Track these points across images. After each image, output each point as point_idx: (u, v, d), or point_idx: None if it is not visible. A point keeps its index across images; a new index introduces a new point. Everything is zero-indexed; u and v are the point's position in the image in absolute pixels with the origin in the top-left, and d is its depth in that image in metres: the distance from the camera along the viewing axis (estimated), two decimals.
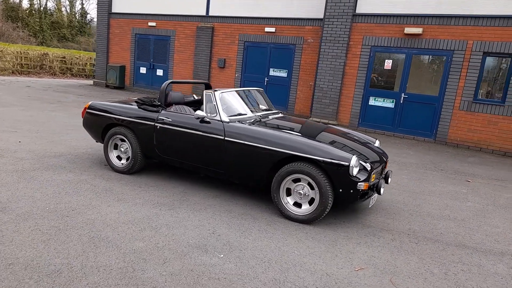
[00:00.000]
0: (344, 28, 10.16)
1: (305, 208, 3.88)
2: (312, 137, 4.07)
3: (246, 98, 4.89)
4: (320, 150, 3.72)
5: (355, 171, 3.64)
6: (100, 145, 6.38)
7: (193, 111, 5.17)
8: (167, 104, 5.02)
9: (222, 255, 3.06)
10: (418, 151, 8.42)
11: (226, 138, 4.19)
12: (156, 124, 4.66)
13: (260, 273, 2.84)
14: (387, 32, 9.80)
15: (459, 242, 3.76)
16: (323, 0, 11.08)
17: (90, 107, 5.25)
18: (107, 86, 16.49)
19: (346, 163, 3.60)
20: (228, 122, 4.28)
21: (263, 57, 12.58)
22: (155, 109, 4.75)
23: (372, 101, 10.18)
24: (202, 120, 4.40)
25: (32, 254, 2.82)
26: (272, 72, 12.47)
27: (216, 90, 4.52)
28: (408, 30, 9.37)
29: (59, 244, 3.02)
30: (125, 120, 4.87)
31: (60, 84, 16.60)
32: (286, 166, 3.87)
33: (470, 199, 5.24)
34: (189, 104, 5.56)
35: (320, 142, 3.87)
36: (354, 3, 10.02)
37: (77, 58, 22.46)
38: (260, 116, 4.73)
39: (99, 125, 5.14)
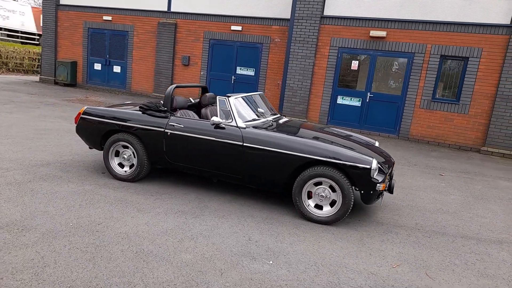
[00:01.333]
0: (313, 29, 10.51)
1: (327, 210, 4.08)
2: (329, 141, 4.26)
3: (254, 103, 4.96)
4: (343, 154, 3.93)
5: (375, 173, 3.90)
6: (87, 151, 6.07)
7: (196, 116, 5.14)
8: (172, 109, 4.93)
9: (271, 262, 3.15)
10: (386, 147, 9.02)
11: (245, 144, 4.24)
12: (166, 130, 4.57)
13: (314, 277, 2.98)
14: (353, 34, 10.31)
15: (461, 233, 4.19)
16: (289, 1, 11.34)
17: (85, 113, 4.98)
18: (56, 83, 15.42)
19: (368, 166, 3.85)
20: (244, 128, 4.34)
21: (230, 55, 12.58)
22: (163, 115, 4.65)
23: (340, 100, 10.68)
24: (217, 126, 4.41)
25: (87, 275, 2.70)
26: (239, 71, 12.52)
27: (229, 96, 4.54)
28: (373, 33, 9.95)
29: (107, 261, 2.91)
30: (130, 126, 4.71)
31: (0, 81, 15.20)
32: (308, 170, 4.03)
33: (451, 192, 5.80)
34: (189, 108, 5.50)
35: (341, 146, 4.08)
36: (322, 6, 10.40)
37: (13, 52, 20.61)
38: (272, 121, 4.83)
39: (98, 131, 4.91)
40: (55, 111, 9.38)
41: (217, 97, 4.60)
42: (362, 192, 3.94)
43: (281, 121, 4.98)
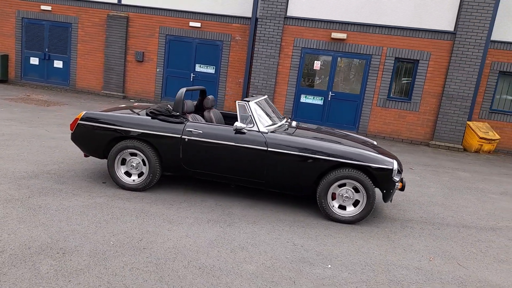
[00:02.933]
0: (276, 29, 10.70)
1: (350, 210, 4.30)
2: (350, 145, 4.46)
3: (266, 107, 4.98)
4: (367, 157, 4.17)
5: (396, 173, 4.21)
6: (70, 158, 5.59)
7: (203, 119, 5.03)
8: (183, 114, 4.76)
9: (329, 266, 3.27)
10: None
11: (269, 149, 4.28)
12: (183, 136, 4.41)
13: (374, 277, 3.17)
14: (316, 35, 10.72)
15: (460, 223, 4.70)
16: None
17: (85, 119, 4.60)
18: None
19: (390, 167, 4.14)
20: (266, 133, 4.37)
21: (188, 52, 12.28)
22: (178, 120, 4.48)
23: (303, 99, 11.05)
24: (238, 131, 4.38)
25: None
26: (199, 68, 12.29)
27: (248, 100, 4.52)
28: (335, 35, 10.45)
29: (179, 280, 2.80)
30: (141, 133, 4.46)
31: None
32: (334, 172, 4.20)
33: (429, 185, 6.42)
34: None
35: (364, 149, 4.31)
36: (285, 6, 10.63)
37: None
38: (287, 125, 4.91)
39: (101, 138, 4.57)
40: (2, 112, 8.38)
41: (237, 101, 4.55)
42: (384, 191, 4.22)
43: (293, 124, 5.09)
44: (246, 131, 4.37)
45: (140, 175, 4.63)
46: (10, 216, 3.54)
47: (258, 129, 4.40)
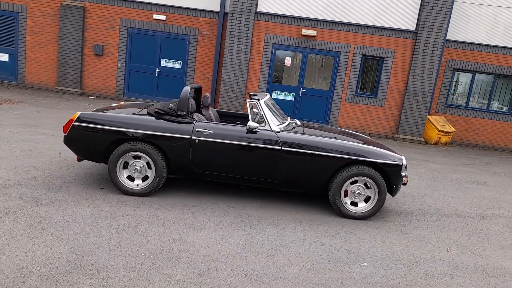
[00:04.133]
0: (247, 24, 10.60)
1: (362, 206, 4.40)
2: (361, 142, 4.54)
3: (272, 106, 4.90)
4: (380, 154, 4.28)
5: (404, 169, 4.37)
6: (51, 162, 5.12)
7: (205, 118, 4.86)
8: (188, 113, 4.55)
9: (365, 264, 3.32)
10: None
11: (283, 148, 4.24)
12: (193, 137, 4.22)
13: (408, 271, 3.28)
14: (286, 32, 10.77)
15: (454, 213, 5.01)
16: None
17: (81, 120, 4.23)
18: None
19: (400, 163, 4.29)
20: (279, 132, 4.32)
21: (153, 46, 11.76)
22: (186, 120, 4.28)
23: (275, 95, 11.09)
24: (250, 130, 4.28)
25: None
26: (164, 63, 11.83)
27: (259, 99, 4.43)
28: (305, 31, 10.58)
29: None
30: (147, 134, 4.19)
31: None
32: (347, 170, 4.26)
33: (411, 177, 6.75)
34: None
35: (375, 147, 4.41)
36: (256, 2, 10.56)
37: None
38: (294, 124, 4.88)
39: (101, 141, 4.23)
40: None
41: (247, 100, 4.44)
42: (394, 186, 4.37)
43: (298, 123, 5.07)
44: (258, 130, 4.28)
45: (144, 179, 4.36)
46: (17, 232, 3.16)
47: (271, 128, 4.33)
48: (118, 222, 3.58)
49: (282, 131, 4.35)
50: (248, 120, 5.65)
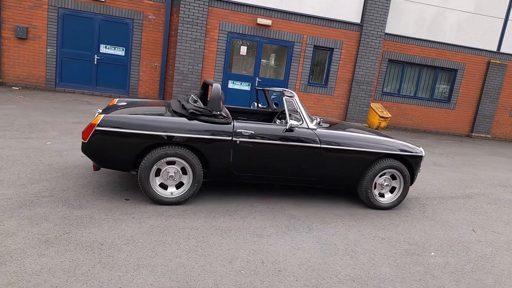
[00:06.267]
0: (202, 11, 10.12)
1: (389, 196, 4.66)
2: (388, 136, 4.74)
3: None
4: (407, 147, 4.55)
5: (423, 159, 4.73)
6: (43, 173, 4.37)
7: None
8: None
9: (432, 253, 3.55)
10: None
11: (322, 146, 4.24)
12: (234, 139, 3.97)
13: (466, 256, 3.60)
14: (241, 20, 10.56)
15: (448, 195, 5.59)
16: None
17: (105, 123, 3.66)
18: None
19: (421, 154, 4.64)
20: (315, 129, 4.30)
21: (90, 30, 10.52)
22: (223, 120, 3.99)
23: (231, 85, 10.86)
24: (289, 129, 4.18)
25: None
26: (104, 49, 10.70)
27: (292, 96, 4.33)
28: (260, 20, 10.51)
29: None
30: (186, 137, 3.81)
31: None
32: (378, 163, 4.45)
33: None
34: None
35: (396, 140, 4.66)
36: None
37: None
38: (320, 119, 4.87)
39: (132, 147, 3.73)
40: None
41: (284, 98, 4.30)
42: (414, 176, 4.71)
43: (319, 118, 5.07)
44: (296, 129, 4.21)
45: (178, 186, 3.98)
46: (86, 264, 2.65)
47: (308, 126, 4.29)
48: (181, 237, 3.23)
49: (318, 128, 4.34)
50: (248, 115, 5.52)
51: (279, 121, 4.84)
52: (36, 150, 5.18)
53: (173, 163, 3.89)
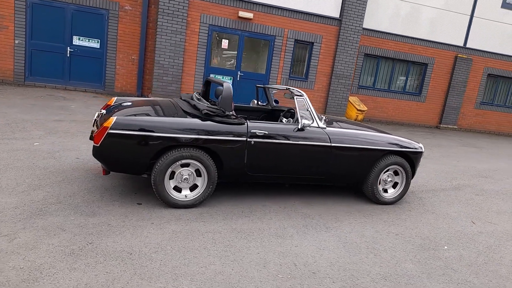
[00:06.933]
0: (182, 2, 9.83)
1: (391, 192, 4.80)
2: (387, 132, 4.86)
3: None
4: (410, 143, 4.70)
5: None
6: (39, 177, 4.13)
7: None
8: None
9: (445, 247, 3.71)
10: None
11: (333, 144, 4.29)
12: (249, 139, 3.92)
13: (475, 248, 3.79)
14: (223, 13, 10.38)
15: (438, 188, 5.84)
16: None
17: (118, 126, 3.50)
18: None
19: (421, 150, 4.81)
20: (325, 128, 4.34)
21: (61, 21, 9.94)
22: (237, 121, 3.93)
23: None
24: (301, 128, 4.20)
25: None
26: (78, 41, 10.17)
27: (301, 94, 4.34)
28: (242, 14, 10.38)
29: None
30: (202, 139, 3.72)
31: None
32: (383, 160, 4.56)
33: None
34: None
35: (399, 136, 4.80)
36: None
37: None
38: (326, 118, 4.90)
39: (148, 150, 3.59)
40: None
41: (295, 97, 4.29)
42: (415, 171, 4.88)
43: (324, 117, 5.11)
44: (304, 127, 4.22)
45: (192, 188, 3.89)
46: (123, 277, 2.54)
47: (318, 125, 4.32)
48: (207, 242, 3.17)
49: (327, 127, 4.38)
50: (248, 113, 5.49)
51: (285, 119, 4.83)
52: (26, 152, 4.87)
53: (187, 165, 3.80)
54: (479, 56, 13.83)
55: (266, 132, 4.01)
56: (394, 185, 4.81)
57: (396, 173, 4.75)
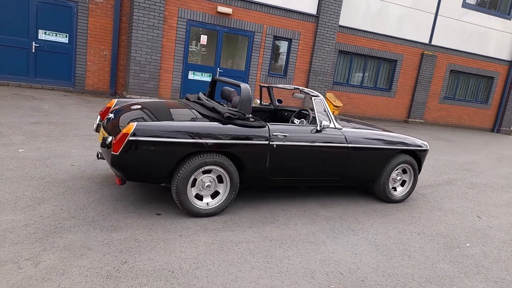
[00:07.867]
0: None
1: (400, 190, 4.86)
2: (392, 131, 4.90)
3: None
4: (415, 142, 4.76)
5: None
6: (39, 189, 3.76)
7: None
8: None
9: (468, 244, 3.80)
10: None
11: (349, 145, 4.26)
12: (271, 142, 3.78)
13: (492, 243, 3.92)
14: (201, 7, 10.05)
15: (433, 183, 6.02)
16: None
17: (139, 133, 3.23)
18: None
19: (427, 148, 4.91)
20: (341, 129, 4.30)
21: (25, 13, 9.17)
22: (258, 124, 3.77)
23: (191, 75, 10.34)
24: (318, 130, 4.12)
25: None
26: (44, 35, 9.43)
27: (317, 95, 4.25)
28: (220, 9, 10.11)
29: None
30: (226, 144, 3.53)
31: None
32: (394, 159, 4.60)
33: None
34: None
35: (408, 136, 4.86)
36: None
37: None
38: (336, 118, 4.84)
39: (170, 158, 3.35)
40: None
41: (313, 98, 4.19)
42: (421, 168, 4.97)
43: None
44: (321, 129, 4.14)
45: (213, 196, 3.69)
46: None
47: (335, 126, 4.26)
48: (245, 254, 3.01)
49: (343, 127, 4.34)
50: (252, 113, 5.32)
51: (297, 120, 4.73)
52: (13, 160, 4.41)
53: (209, 171, 3.59)
54: (443, 53, 14.49)
55: (287, 135, 3.89)
56: (402, 183, 4.87)
57: (404, 171, 4.81)
